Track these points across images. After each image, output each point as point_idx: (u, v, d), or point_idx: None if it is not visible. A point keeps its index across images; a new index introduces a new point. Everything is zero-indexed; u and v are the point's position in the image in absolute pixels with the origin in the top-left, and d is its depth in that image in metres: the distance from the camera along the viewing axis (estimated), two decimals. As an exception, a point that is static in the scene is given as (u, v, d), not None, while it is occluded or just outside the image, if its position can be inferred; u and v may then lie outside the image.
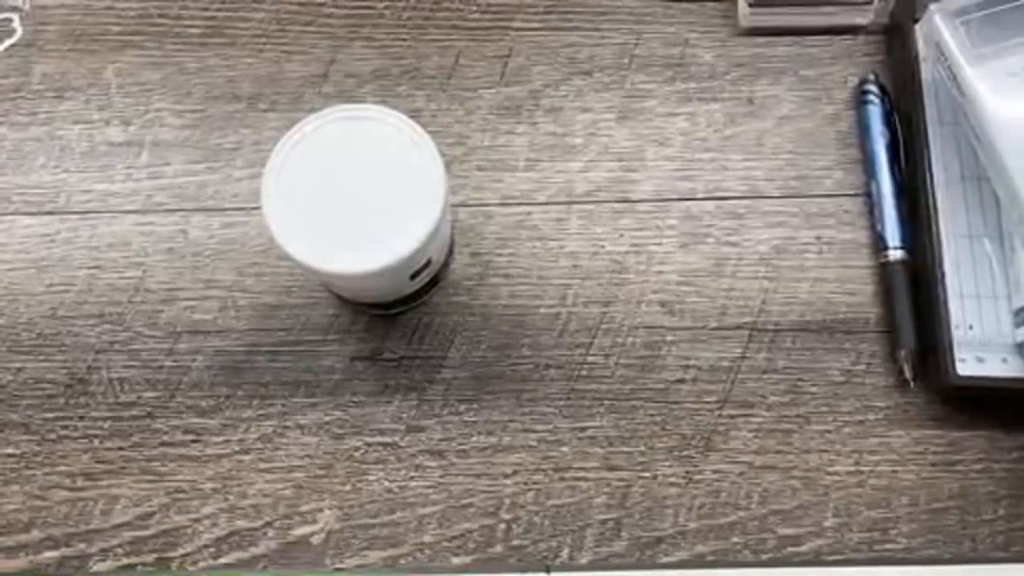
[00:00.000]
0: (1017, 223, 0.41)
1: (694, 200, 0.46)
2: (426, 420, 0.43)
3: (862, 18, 0.48)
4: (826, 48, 0.49)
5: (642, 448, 0.42)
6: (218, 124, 0.47)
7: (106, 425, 0.43)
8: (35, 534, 0.42)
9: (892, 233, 0.44)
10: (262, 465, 0.42)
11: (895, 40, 0.47)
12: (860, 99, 0.47)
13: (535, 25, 0.49)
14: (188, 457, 0.42)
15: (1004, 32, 0.41)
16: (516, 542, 0.41)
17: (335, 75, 0.48)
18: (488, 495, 0.42)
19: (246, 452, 0.42)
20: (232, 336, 0.44)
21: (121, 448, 0.43)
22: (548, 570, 0.41)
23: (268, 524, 0.42)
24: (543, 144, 0.47)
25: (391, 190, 0.37)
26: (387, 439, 0.43)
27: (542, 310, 0.44)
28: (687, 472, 0.42)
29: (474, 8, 0.49)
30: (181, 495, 0.42)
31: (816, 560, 0.41)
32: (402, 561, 0.41)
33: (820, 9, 0.48)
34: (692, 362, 0.44)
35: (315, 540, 0.41)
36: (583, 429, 0.43)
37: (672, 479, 0.42)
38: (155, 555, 0.41)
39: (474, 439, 0.43)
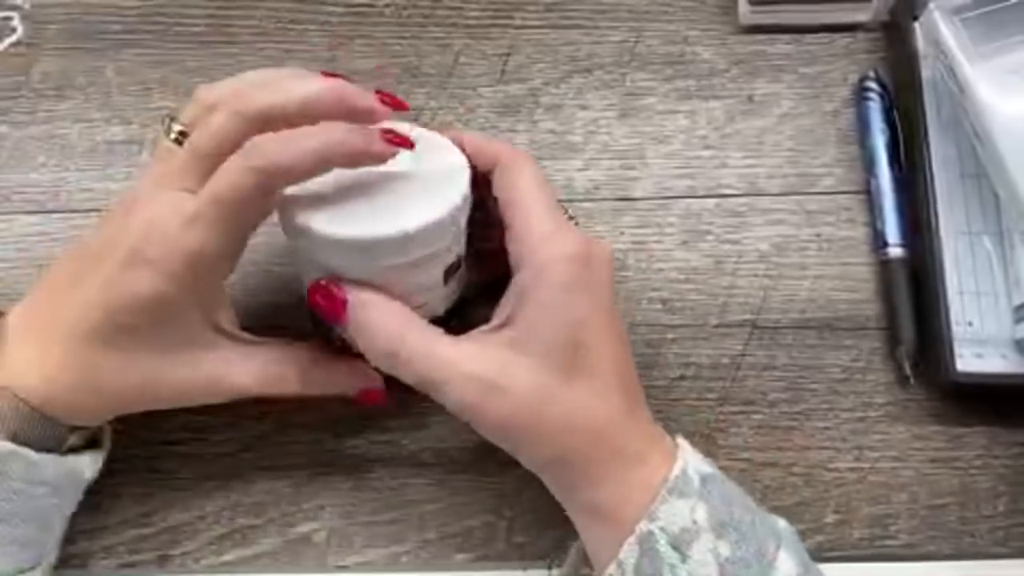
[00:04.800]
0: (1016, 220, 0.41)
1: (694, 198, 0.46)
2: (428, 417, 0.43)
3: (862, 15, 0.48)
4: (826, 46, 0.49)
5: (643, 445, 0.42)
6: (218, 122, 0.47)
7: (108, 423, 0.43)
8: (37, 532, 0.42)
9: (892, 230, 0.44)
10: (264, 463, 0.42)
11: (895, 37, 0.47)
12: (860, 96, 0.47)
13: (535, 23, 0.49)
14: (190, 455, 0.42)
15: (1004, 30, 0.42)
16: (518, 539, 0.41)
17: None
18: (490, 492, 0.42)
19: (248, 450, 0.42)
20: (233, 334, 0.44)
21: (124, 445, 0.43)
22: (550, 567, 0.41)
23: (270, 522, 0.42)
24: (543, 142, 0.47)
25: (409, 185, 0.35)
26: (389, 436, 0.43)
27: (543, 308, 0.44)
28: (688, 469, 0.42)
29: (474, 6, 0.49)
30: (183, 493, 0.42)
31: (817, 556, 0.41)
32: (404, 559, 0.41)
33: (820, 7, 0.48)
34: (693, 359, 0.44)
35: (317, 538, 0.41)
36: (584, 426, 0.43)
37: (673, 476, 0.42)
38: (157, 553, 0.41)
39: (476, 436, 0.43)
